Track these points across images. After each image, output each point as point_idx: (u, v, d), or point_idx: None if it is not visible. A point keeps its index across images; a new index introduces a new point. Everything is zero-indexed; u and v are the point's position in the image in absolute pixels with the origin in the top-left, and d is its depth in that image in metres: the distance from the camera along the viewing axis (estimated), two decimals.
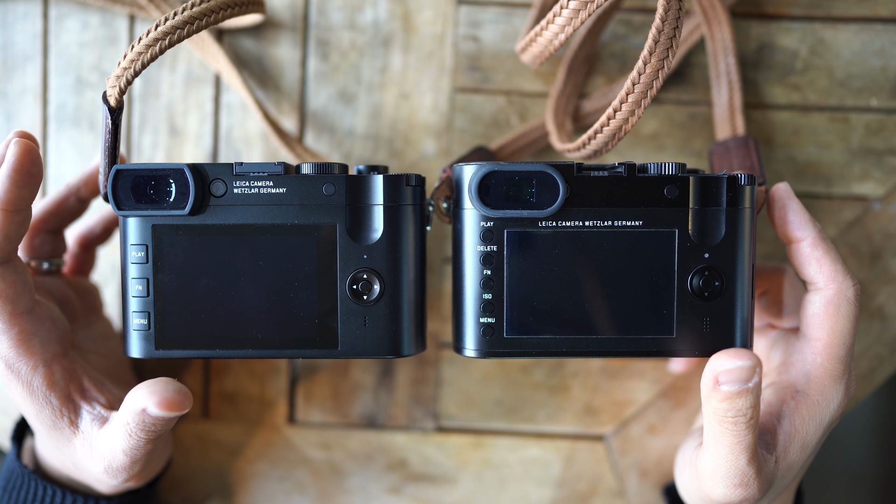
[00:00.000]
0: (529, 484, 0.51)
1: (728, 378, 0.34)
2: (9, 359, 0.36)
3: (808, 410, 0.37)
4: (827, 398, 0.37)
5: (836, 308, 0.36)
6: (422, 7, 0.49)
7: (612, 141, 0.38)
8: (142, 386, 0.35)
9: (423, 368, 0.51)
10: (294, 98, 0.50)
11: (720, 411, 0.34)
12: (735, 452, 0.34)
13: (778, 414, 0.37)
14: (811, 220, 0.37)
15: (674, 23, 0.35)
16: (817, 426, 0.37)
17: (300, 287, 0.37)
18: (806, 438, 0.37)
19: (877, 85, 0.49)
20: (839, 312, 0.36)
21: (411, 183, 0.38)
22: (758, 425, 0.35)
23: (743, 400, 0.33)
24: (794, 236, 0.37)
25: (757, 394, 0.34)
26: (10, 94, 0.51)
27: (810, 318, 0.37)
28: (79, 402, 0.37)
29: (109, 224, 0.45)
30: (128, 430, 0.35)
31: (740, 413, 0.34)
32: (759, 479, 0.35)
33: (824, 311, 0.36)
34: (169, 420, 0.35)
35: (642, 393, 0.50)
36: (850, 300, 0.36)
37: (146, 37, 0.36)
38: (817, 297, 0.37)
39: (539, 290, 0.37)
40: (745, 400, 0.33)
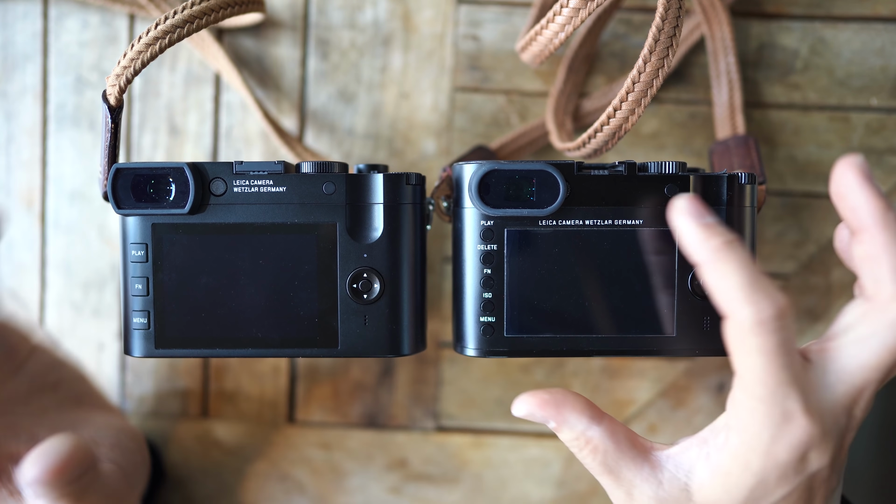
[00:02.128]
0: (529, 484, 0.51)
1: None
2: None
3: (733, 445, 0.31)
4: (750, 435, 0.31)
5: (736, 341, 0.30)
6: (422, 6, 0.49)
7: (612, 140, 0.38)
8: (28, 458, 0.32)
9: (423, 368, 0.51)
10: (294, 97, 0.50)
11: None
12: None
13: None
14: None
15: (674, 22, 0.35)
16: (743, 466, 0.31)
17: (300, 286, 0.37)
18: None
19: (877, 84, 0.49)
20: (741, 345, 0.30)
21: (411, 182, 0.38)
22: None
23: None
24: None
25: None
26: (10, 93, 0.51)
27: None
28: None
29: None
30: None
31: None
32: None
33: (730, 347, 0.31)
34: (70, 481, 0.32)
35: (642, 393, 0.50)
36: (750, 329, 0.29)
37: (146, 36, 0.36)
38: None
39: (539, 290, 0.37)
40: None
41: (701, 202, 0.31)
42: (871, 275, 0.30)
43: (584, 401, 0.35)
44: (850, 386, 0.30)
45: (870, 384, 0.30)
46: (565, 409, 0.34)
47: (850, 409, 0.30)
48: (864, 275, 0.30)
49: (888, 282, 0.29)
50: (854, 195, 0.30)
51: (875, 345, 0.30)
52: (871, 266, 0.30)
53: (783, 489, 0.30)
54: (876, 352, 0.30)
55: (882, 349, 0.30)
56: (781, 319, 0.29)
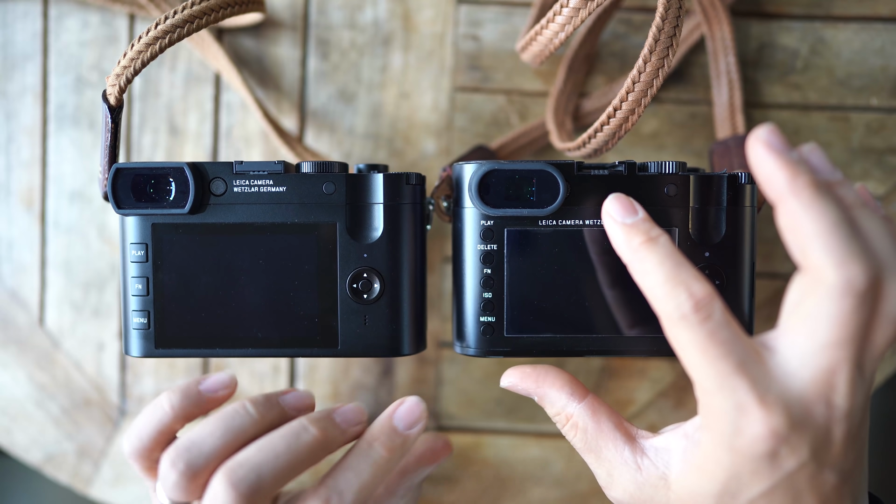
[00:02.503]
0: (529, 484, 0.51)
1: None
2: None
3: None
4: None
5: (670, 337, 0.30)
6: (422, 6, 0.49)
7: (612, 140, 0.38)
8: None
9: (423, 368, 0.51)
10: (294, 97, 0.50)
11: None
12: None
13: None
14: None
15: (674, 22, 0.35)
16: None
17: (300, 286, 0.37)
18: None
19: (877, 84, 0.49)
20: (675, 342, 0.30)
21: (411, 182, 0.38)
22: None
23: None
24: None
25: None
26: (10, 93, 0.51)
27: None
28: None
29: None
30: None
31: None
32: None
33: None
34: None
35: (642, 393, 0.50)
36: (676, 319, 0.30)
37: (146, 35, 0.36)
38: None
39: (539, 290, 0.37)
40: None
41: (626, 201, 0.32)
42: (796, 245, 0.28)
43: (568, 377, 0.36)
44: (815, 369, 0.28)
45: (839, 364, 0.28)
46: (545, 383, 0.36)
47: (826, 396, 0.28)
48: (791, 247, 0.29)
49: (814, 248, 0.28)
50: (763, 167, 0.29)
51: (824, 318, 0.28)
52: (794, 236, 0.28)
53: (760, 485, 0.29)
54: (828, 326, 0.28)
55: (832, 322, 0.28)
56: (703, 310, 0.29)
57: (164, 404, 0.35)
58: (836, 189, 0.30)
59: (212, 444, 0.33)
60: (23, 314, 0.51)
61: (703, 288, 0.29)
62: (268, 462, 0.32)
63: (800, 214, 0.28)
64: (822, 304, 0.28)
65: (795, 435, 0.28)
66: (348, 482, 0.34)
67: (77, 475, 0.52)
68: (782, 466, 0.29)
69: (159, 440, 0.35)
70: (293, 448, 0.32)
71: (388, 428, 0.35)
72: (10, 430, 0.52)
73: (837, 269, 0.27)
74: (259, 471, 0.32)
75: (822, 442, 0.29)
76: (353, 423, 0.35)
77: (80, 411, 0.52)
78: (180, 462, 0.33)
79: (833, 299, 0.27)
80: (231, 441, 0.33)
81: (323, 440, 0.33)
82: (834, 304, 0.27)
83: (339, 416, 0.35)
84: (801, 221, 0.28)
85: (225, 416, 0.33)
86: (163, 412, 0.35)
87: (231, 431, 0.33)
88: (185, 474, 0.33)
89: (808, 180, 0.28)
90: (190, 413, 0.35)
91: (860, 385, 0.29)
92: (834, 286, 0.27)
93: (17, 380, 0.52)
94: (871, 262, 0.27)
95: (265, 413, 0.34)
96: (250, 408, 0.33)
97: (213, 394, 0.36)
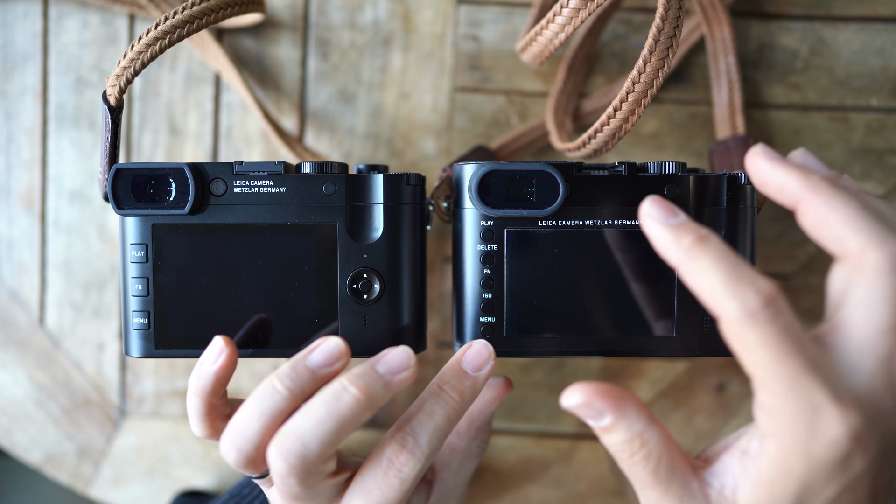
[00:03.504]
0: (529, 484, 0.51)
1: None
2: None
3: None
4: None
5: (735, 340, 0.28)
6: (422, 6, 0.49)
7: (612, 140, 0.38)
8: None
9: (423, 368, 0.51)
10: (294, 97, 0.50)
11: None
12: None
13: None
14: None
15: (674, 22, 0.35)
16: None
17: (300, 286, 0.37)
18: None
19: (877, 84, 0.49)
20: (741, 344, 0.28)
21: (411, 182, 0.38)
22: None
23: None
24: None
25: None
26: (10, 93, 0.51)
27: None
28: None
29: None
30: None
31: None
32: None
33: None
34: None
35: (642, 393, 0.50)
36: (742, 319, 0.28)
37: (146, 36, 0.36)
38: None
39: (539, 290, 0.37)
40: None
41: (666, 203, 0.31)
42: (830, 237, 0.28)
43: (642, 400, 0.32)
44: (877, 358, 0.27)
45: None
46: (626, 403, 0.31)
47: (891, 384, 0.27)
48: (825, 241, 0.29)
49: (848, 234, 0.28)
50: (774, 178, 0.30)
51: (876, 302, 0.27)
52: (825, 230, 0.28)
53: (833, 488, 0.28)
54: (883, 309, 0.27)
55: (886, 303, 0.27)
56: (772, 306, 0.27)
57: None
58: (842, 181, 0.30)
59: (253, 428, 0.33)
60: (23, 314, 0.51)
61: (768, 284, 0.28)
62: (310, 429, 0.32)
63: (824, 208, 0.28)
64: (872, 287, 0.27)
65: (869, 431, 0.27)
66: (423, 426, 0.34)
67: (77, 475, 0.52)
68: (855, 467, 0.27)
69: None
70: (334, 411, 0.32)
71: (457, 371, 0.35)
72: (10, 430, 0.52)
73: (878, 248, 0.27)
74: (303, 439, 0.32)
75: (891, 434, 0.28)
76: (398, 370, 0.33)
77: (80, 411, 0.52)
78: (232, 450, 0.33)
79: (882, 279, 0.27)
80: (269, 421, 0.33)
81: (365, 398, 0.32)
82: (884, 284, 0.27)
83: (382, 365, 0.34)
84: (827, 214, 0.28)
85: (257, 398, 0.33)
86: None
87: (266, 413, 0.33)
88: (239, 460, 0.34)
89: (819, 177, 0.29)
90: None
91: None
92: (879, 265, 0.27)
93: (17, 380, 0.52)
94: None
95: (292, 386, 0.33)
96: (278, 384, 0.33)
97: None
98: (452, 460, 0.41)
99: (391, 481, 0.34)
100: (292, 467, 0.32)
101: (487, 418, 0.41)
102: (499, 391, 0.41)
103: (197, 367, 0.35)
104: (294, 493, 0.33)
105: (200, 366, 0.35)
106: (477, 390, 0.35)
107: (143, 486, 0.52)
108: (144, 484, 0.52)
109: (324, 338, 0.34)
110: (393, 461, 0.34)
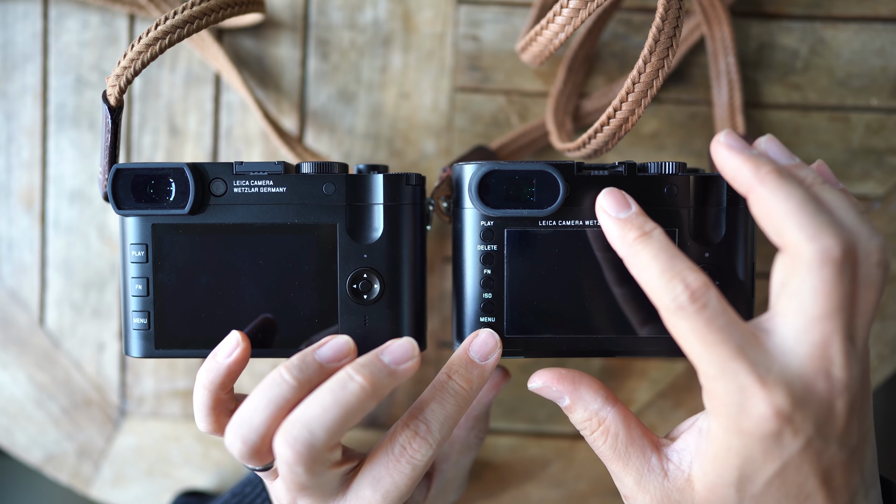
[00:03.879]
0: (529, 484, 0.51)
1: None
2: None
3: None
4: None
5: (671, 329, 0.31)
6: (422, 6, 0.49)
7: (612, 140, 0.38)
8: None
9: (423, 368, 0.51)
10: (294, 97, 0.50)
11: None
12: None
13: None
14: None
15: (674, 22, 0.35)
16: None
17: (300, 286, 0.37)
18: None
19: (877, 84, 0.49)
20: (675, 332, 0.31)
21: (411, 182, 0.38)
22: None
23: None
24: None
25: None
26: (10, 93, 0.51)
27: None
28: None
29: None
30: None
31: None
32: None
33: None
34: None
35: (642, 393, 0.50)
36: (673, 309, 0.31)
37: (146, 36, 0.36)
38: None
39: (539, 290, 0.37)
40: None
41: (619, 195, 0.33)
42: (772, 229, 0.30)
43: (599, 382, 0.36)
44: (810, 345, 0.29)
45: (831, 336, 0.29)
46: (582, 386, 0.35)
47: (824, 369, 0.29)
48: (768, 232, 0.30)
49: (788, 226, 0.29)
50: (728, 166, 0.31)
51: (808, 292, 0.29)
52: (768, 221, 0.30)
53: (773, 465, 0.30)
54: (814, 299, 0.29)
55: (817, 294, 0.29)
56: (699, 299, 0.30)
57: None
58: (796, 172, 0.32)
59: (259, 418, 0.33)
60: (23, 314, 0.51)
61: (698, 278, 0.30)
62: (316, 417, 0.32)
63: (769, 199, 0.30)
64: (805, 278, 0.29)
65: (799, 412, 0.29)
66: (434, 414, 0.35)
67: (77, 475, 0.52)
68: (790, 445, 0.29)
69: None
70: (340, 399, 0.32)
71: (465, 361, 0.36)
72: (10, 430, 0.52)
73: (811, 241, 0.29)
74: (310, 427, 0.32)
75: (826, 416, 0.29)
76: (403, 360, 0.34)
77: (80, 411, 0.52)
78: (238, 440, 0.34)
79: (813, 272, 0.29)
80: (276, 410, 0.33)
81: (370, 386, 0.33)
82: (815, 277, 0.29)
83: (387, 355, 0.34)
84: (771, 206, 0.30)
85: (264, 388, 0.34)
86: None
87: (273, 402, 0.33)
88: (244, 451, 0.34)
89: (770, 168, 0.30)
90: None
91: (854, 355, 0.30)
92: (812, 259, 0.29)
93: (17, 380, 0.52)
94: (841, 231, 0.29)
95: (300, 376, 0.33)
96: (286, 374, 0.33)
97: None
98: (451, 451, 0.42)
99: (403, 468, 0.34)
100: (299, 455, 0.32)
101: (485, 408, 0.42)
102: (496, 381, 0.41)
103: (208, 360, 0.36)
104: (300, 481, 0.34)
105: (213, 358, 0.35)
106: (485, 379, 0.36)
107: (143, 486, 0.52)
108: (144, 484, 0.52)
109: (332, 335, 0.35)
110: (406, 448, 0.34)
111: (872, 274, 0.30)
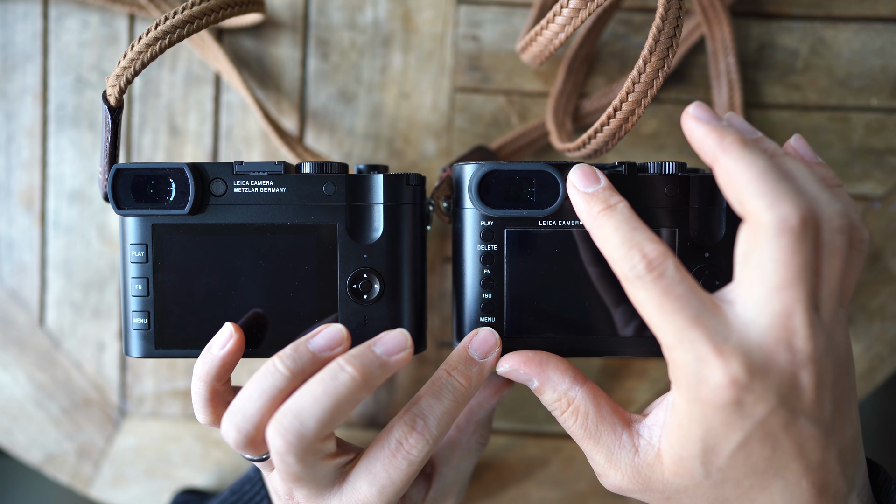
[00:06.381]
0: (529, 484, 0.51)
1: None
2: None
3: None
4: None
5: (631, 299, 0.32)
6: (422, 6, 0.49)
7: (612, 140, 0.38)
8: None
9: (423, 368, 0.51)
10: (294, 98, 0.50)
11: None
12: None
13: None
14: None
15: (674, 22, 0.35)
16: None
17: (300, 286, 0.37)
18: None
19: (877, 84, 0.49)
20: (635, 302, 0.32)
21: (411, 182, 0.38)
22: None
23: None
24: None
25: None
26: (10, 93, 0.51)
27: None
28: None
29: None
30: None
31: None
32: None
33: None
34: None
35: (642, 393, 0.50)
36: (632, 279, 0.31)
37: (146, 36, 0.36)
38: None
39: (539, 290, 0.37)
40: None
41: (588, 170, 0.34)
42: (734, 198, 0.30)
43: (567, 363, 0.36)
44: (771, 314, 0.29)
45: (793, 306, 0.29)
46: (549, 367, 0.36)
47: (786, 340, 0.29)
48: (731, 201, 0.30)
49: (748, 195, 0.29)
50: (695, 136, 0.31)
51: (768, 261, 0.29)
52: (731, 190, 0.30)
53: (735, 436, 0.30)
54: (774, 268, 0.29)
55: (776, 263, 0.29)
56: (656, 269, 0.30)
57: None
58: (760, 143, 0.32)
59: (253, 407, 0.33)
60: (23, 314, 0.51)
61: (655, 248, 0.30)
62: (308, 407, 0.32)
63: (732, 168, 0.30)
64: (765, 247, 0.29)
65: (758, 382, 0.29)
66: (432, 409, 0.35)
67: (77, 475, 0.52)
68: (751, 414, 0.29)
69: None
70: (331, 390, 0.32)
71: (464, 357, 0.36)
72: (10, 430, 0.52)
73: (770, 209, 0.29)
74: (301, 417, 0.32)
75: (790, 388, 0.29)
76: (395, 351, 0.34)
77: (80, 411, 0.52)
78: (232, 429, 0.34)
79: (772, 240, 0.29)
80: (269, 400, 0.33)
81: (361, 377, 0.33)
82: (774, 245, 0.29)
83: (379, 346, 0.34)
84: (733, 174, 0.30)
85: (258, 378, 0.34)
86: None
87: (266, 392, 0.33)
88: (239, 440, 0.34)
89: (734, 138, 0.30)
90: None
91: (819, 325, 0.29)
92: (770, 227, 0.29)
93: (17, 380, 0.52)
94: (801, 200, 0.29)
95: (293, 366, 0.33)
96: (279, 364, 0.34)
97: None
98: (452, 455, 0.42)
99: (399, 463, 0.34)
100: (290, 445, 0.32)
101: (488, 413, 0.42)
102: (498, 386, 0.41)
103: (203, 352, 0.36)
104: (293, 472, 0.34)
105: (208, 350, 0.36)
106: (483, 377, 0.36)
107: (142, 486, 0.52)
108: (144, 484, 0.52)
109: (326, 324, 0.35)
110: (402, 443, 0.34)
111: (836, 240, 0.30)
